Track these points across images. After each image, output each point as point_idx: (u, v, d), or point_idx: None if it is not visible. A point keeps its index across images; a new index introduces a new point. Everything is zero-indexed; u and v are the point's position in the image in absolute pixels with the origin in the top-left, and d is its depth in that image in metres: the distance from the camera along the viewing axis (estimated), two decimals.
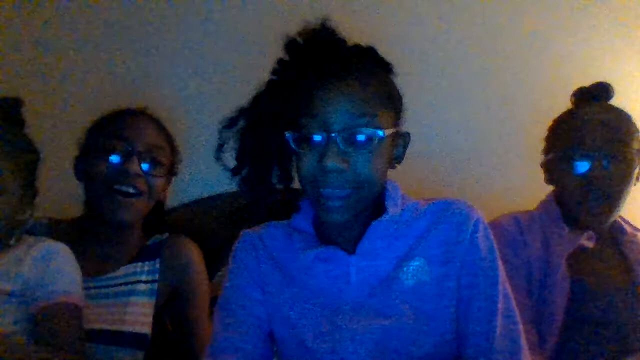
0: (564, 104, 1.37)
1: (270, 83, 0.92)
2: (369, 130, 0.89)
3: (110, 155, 1.22)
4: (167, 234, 1.34)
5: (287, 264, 1.01)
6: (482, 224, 0.96)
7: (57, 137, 1.19)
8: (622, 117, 1.28)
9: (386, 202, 0.96)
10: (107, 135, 1.24)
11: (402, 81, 0.94)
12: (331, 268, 0.96)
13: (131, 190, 1.21)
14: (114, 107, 1.31)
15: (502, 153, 1.74)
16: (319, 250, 0.96)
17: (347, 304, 0.95)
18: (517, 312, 0.94)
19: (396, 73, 0.97)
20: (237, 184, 0.95)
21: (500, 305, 0.92)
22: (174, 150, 1.33)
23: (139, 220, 1.30)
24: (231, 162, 0.94)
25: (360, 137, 0.89)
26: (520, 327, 0.93)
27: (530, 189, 1.39)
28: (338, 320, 0.94)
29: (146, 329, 1.20)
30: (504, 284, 0.95)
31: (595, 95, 1.32)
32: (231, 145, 0.94)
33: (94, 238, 1.26)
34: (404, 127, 0.98)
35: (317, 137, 0.89)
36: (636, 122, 1.29)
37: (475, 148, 1.75)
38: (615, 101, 1.32)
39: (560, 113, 1.36)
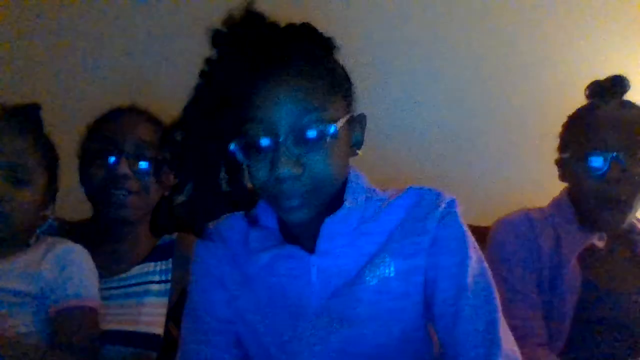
0: (566, 99, 1.34)
1: (200, 88, 0.83)
2: (320, 127, 0.81)
3: (100, 157, 1.22)
4: (176, 234, 1.34)
5: (246, 262, 0.93)
6: (451, 208, 0.88)
7: (58, 140, 1.20)
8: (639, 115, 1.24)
9: (345, 195, 0.88)
10: (97, 139, 1.24)
11: (403, 78, 0.93)
12: (292, 267, 0.89)
13: (123, 192, 1.21)
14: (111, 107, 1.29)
15: (502, 149, 1.74)
16: (276, 252, 0.90)
17: (309, 307, 0.88)
18: (497, 300, 0.85)
19: (338, 47, 0.87)
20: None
21: (470, 284, 0.85)
22: None
23: (145, 218, 1.30)
24: None
25: (312, 135, 0.81)
26: (499, 314, 0.84)
27: (533, 185, 1.39)
28: (299, 328, 0.88)
29: (159, 330, 1.21)
30: (479, 263, 0.87)
31: (610, 89, 1.28)
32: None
33: (103, 239, 1.26)
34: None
35: (265, 142, 0.81)
36: None
37: (475, 144, 1.75)
38: (633, 98, 1.28)
39: (576, 109, 1.32)
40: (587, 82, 1.32)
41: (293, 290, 0.89)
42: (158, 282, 1.25)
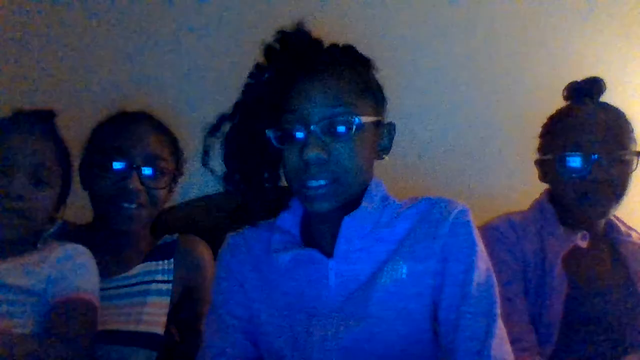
0: (561, 102, 1.36)
1: (248, 86, 0.95)
2: (347, 118, 0.91)
3: (110, 168, 1.21)
4: (176, 234, 1.35)
5: (267, 266, 1.00)
6: (463, 216, 0.94)
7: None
8: (618, 117, 1.26)
9: (363, 198, 0.95)
10: (106, 148, 1.23)
11: (397, 80, 0.97)
12: (311, 271, 0.96)
13: (133, 206, 1.22)
14: (115, 109, 1.30)
15: (498, 151, 1.75)
16: (296, 252, 0.96)
17: (324, 308, 0.94)
18: (497, 310, 0.91)
19: (377, 68, 0.99)
20: (226, 187, 0.98)
21: (474, 292, 0.90)
22: (177, 154, 1.31)
23: (147, 225, 1.31)
24: (218, 168, 0.97)
25: (339, 127, 0.91)
26: (496, 324, 0.89)
27: (527, 187, 1.40)
28: (311, 326, 0.93)
29: (160, 329, 1.22)
30: (485, 274, 0.92)
31: (587, 91, 1.31)
32: (217, 152, 0.96)
33: (105, 241, 1.27)
34: (397, 122, 1.00)
35: (298, 132, 0.92)
36: (633, 121, 1.28)
37: (471, 146, 1.76)
38: (611, 100, 1.31)
39: (555, 111, 1.34)
40: None
41: (310, 292, 0.96)
42: (160, 282, 1.26)
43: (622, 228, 1.34)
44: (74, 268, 1.08)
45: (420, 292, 0.92)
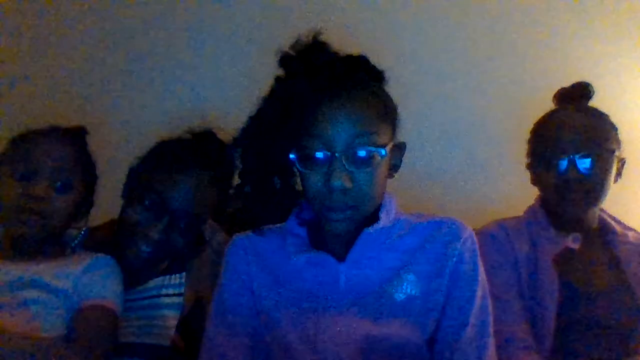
0: None
1: (266, 101, 0.96)
2: (371, 149, 0.94)
3: (144, 204, 1.19)
4: None
5: (277, 267, 1.04)
6: (471, 241, 1.01)
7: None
8: (597, 118, 1.31)
9: (380, 213, 1.00)
10: (145, 187, 1.20)
11: (394, 91, 1.01)
12: (321, 273, 1.00)
13: (149, 249, 1.20)
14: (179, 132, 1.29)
15: (496, 160, 1.79)
16: (310, 255, 1.01)
17: (334, 308, 0.98)
18: (490, 329, 0.99)
19: (388, 79, 1.02)
20: (239, 197, 1.01)
21: (472, 320, 0.97)
22: (220, 205, 1.27)
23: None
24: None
25: (364, 157, 0.94)
26: (489, 344, 0.98)
27: (525, 196, 1.43)
28: (322, 323, 0.97)
29: (167, 341, 1.23)
30: (482, 299, 0.99)
31: (575, 96, 1.35)
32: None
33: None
34: (400, 137, 1.03)
35: (320, 155, 0.94)
36: (626, 123, 1.33)
37: (468, 155, 1.81)
38: (605, 104, 1.34)
39: (542, 115, 1.38)
40: None
41: (321, 292, 1.00)
42: (171, 295, 1.28)
43: (618, 228, 1.37)
44: (100, 276, 1.14)
45: (431, 308, 0.98)
